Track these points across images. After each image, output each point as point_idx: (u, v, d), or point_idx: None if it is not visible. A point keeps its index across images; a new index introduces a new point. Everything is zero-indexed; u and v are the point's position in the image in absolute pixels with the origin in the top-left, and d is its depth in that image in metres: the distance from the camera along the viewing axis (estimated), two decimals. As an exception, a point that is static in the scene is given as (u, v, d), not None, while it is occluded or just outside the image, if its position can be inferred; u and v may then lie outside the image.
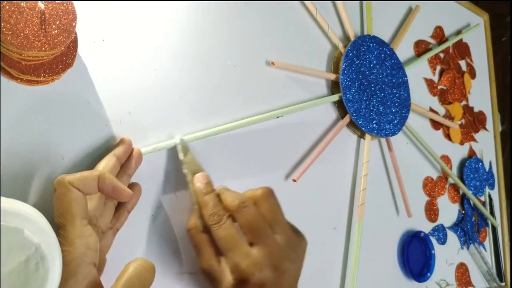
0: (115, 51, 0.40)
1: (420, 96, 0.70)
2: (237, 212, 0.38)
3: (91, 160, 0.37)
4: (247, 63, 0.49)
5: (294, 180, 0.50)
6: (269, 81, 0.50)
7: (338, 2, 0.59)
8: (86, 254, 0.30)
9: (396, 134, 0.61)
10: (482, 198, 0.79)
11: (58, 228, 0.31)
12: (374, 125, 0.58)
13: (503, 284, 0.78)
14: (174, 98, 0.43)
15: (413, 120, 0.67)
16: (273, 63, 0.50)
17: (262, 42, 0.51)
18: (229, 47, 0.48)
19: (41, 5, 0.32)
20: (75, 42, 0.36)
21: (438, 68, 0.76)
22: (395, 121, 0.60)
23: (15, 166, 0.33)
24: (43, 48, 0.32)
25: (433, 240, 0.66)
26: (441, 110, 0.74)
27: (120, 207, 0.38)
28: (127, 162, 0.38)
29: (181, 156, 0.41)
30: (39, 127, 0.35)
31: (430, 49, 0.74)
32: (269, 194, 0.40)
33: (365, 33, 0.62)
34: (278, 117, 0.49)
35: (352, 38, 0.58)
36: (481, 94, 0.85)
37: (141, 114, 0.40)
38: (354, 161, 0.59)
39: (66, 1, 0.33)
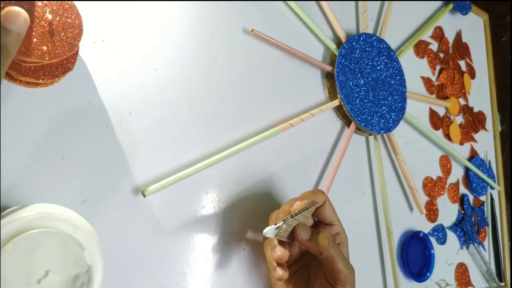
0: (115, 51, 0.40)
1: (418, 93, 0.70)
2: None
3: (91, 160, 0.37)
4: (247, 63, 0.49)
5: None
6: (269, 81, 0.50)
7: (330, 2, 0.58)
8: None
9: (394, 129, 0.61)
10: (483, 198, 0.79)
11: None
12: (374, 121, 0.58)
13: (502, 284, 0.78)
14: (174, 98, 0.43)
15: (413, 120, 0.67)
16: (252, 31, 0.48)
17: (262, 42, 0.51)
18: (229, 47, 0.48)
19: (48, 15, 0.32)
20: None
21: (438, 68, 0.76)
22: (393, 117, 0.60)
23: (15, 167, 0.33)
24: (45, 57, 0.32)
25: (433, 240, 0.67)
26: (440, 110, 0.74)
27: None
28: None
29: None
30: (39, 127, 0.35)
31: (429, 49, 0.74)
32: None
33: (361, 31, 0.62)
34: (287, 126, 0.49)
35: (346, 37, 0.58)
36: (481, 94, 0.85)
37: (141, 114, 0.40)
38: (362, 164, 0.59)
39: (74, 15, 0.33)
